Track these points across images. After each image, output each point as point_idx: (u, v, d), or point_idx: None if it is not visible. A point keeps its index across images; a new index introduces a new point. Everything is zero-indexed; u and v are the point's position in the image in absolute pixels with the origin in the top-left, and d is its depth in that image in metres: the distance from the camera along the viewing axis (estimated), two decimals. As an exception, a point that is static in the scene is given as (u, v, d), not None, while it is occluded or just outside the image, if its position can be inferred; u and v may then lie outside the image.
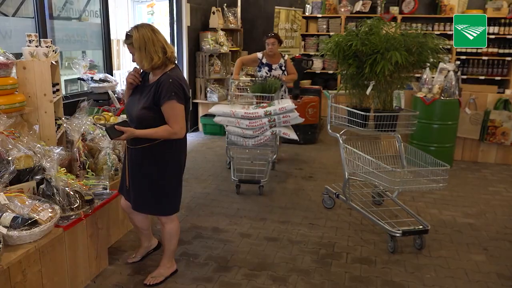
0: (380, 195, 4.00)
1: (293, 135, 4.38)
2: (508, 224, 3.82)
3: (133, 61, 2.54)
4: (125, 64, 6.31)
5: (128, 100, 2.68)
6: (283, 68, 5.26)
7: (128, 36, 2.48)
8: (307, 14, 8.32)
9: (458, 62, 7.32)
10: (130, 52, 2.54)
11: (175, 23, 6.66)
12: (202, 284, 2.82)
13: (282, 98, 5.04)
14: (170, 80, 2.45)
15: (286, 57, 5.32)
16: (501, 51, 7.48)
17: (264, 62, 5.23)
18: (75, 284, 2.69)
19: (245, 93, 5.00)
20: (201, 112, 7.22)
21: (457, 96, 5.17)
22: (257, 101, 4.58)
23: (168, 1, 6.63)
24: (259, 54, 5.27)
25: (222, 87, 7.30)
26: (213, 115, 7.24)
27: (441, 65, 5.02)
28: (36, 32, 3.83)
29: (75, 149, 3.14)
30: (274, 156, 4.89)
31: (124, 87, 4.68)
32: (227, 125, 4.34)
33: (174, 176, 2.67)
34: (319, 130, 6.62)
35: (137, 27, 2.46)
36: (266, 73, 5.20)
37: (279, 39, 5.19)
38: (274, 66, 5.24)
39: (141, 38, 2.43)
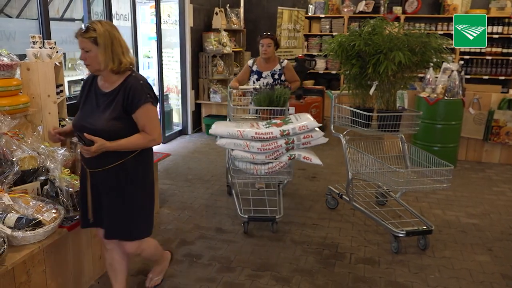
0: (383, 196, 3.99)
1: (316, 160, 3.38)
2: (512, 224, 3.81)
3: (82, 59, 2.14)
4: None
5: (79, 115, 2.26)
6: (277, 76, 4.30)
7: (89, 29, 2.07)
8: (310, 14, 8.32)
9: (462, 62, 7.31)
10: (83, 49, 2.11)
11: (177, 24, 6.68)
12: (205, 285, 2.83)
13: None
14: (141, 81, 2.17)
15: (286, 62, 4.38)
16: (505, 50, 7.45)
17: (255, 70, 4.36)
18: (79, 284, 2.70)
19: (245, 106, 4.24)
20: (204, 112, 7.22)
21: (461, 96, 5.15)
22: (264, 116, 3.76)
23: (169, 2, 6.64)
24: (250, 61, 4.46)
25: (225, 87, 7.31)
26: (215, 116, 7.32)
27: (445, 65, 5.01)
28: (40, 34, 3.85)
29: (79, 150, 3.14)
30: (286, 182, 4.16)
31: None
32: (233, 149, 3.37)
33: (151, 191, 2.37)
34: (322, 130, 6.61)
35: (100, 22, 2.10)
36: (254, 82, 4.34)
37: (276, 41, 4.34)
38: (264, 74, 4.31)
39: (107, 34, 2.08)
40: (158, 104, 2.31)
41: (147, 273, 2.94)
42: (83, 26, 2.10)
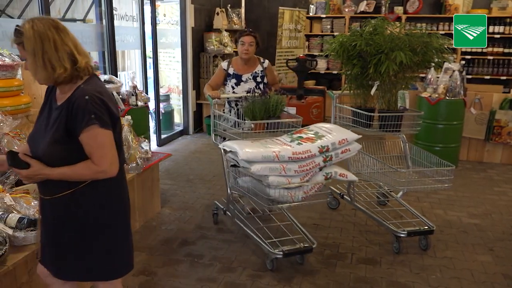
0: (384, 196, 3.99)
1: (351, 176, 2.94)
2: (514, 224, 3.81)
3: (26, 68, 1.77)
4: (130, 65, 6.33)
5: (32, 131, 1.88)
6: (259, 79, 3.71)
7: (18, 32, 1.73)
8: (311, 14, 8.31)
9: (463, 62, 7.30)
10: (21, 56, 1.78)
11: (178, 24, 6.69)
12: (206, 285, 2.83)
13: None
14: (87, 97, 1.66)
15: (267, 63, 3.81)
16: (506, 50, 7.43)
17: (231, 73, 3.72)
18: (80, 284, 2.69)
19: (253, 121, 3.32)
20: (205, 113, 7.22)
21: (462, 96, 5.15)
22: (260, 131, 3.19)
23: (170, 2, 6.65)
24: (224, 64, 3.78)
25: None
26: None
27: (446, 65, 5.00)
28: (41, 34, 3.85)
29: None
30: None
31: (128, 88, 4.75)
32: (268, 175, 2.70)
33: (115, 227, 1.90)
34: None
35: (32, 21, 1.70)
36: (233, 87, 3.72)
37: (258, 39, 3.70)
38: (244, 77, 3.68)
39: (36, 37, 1.66)
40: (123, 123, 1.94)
41: (149, 273, 2.94)
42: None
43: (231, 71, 3.75)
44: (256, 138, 3.03)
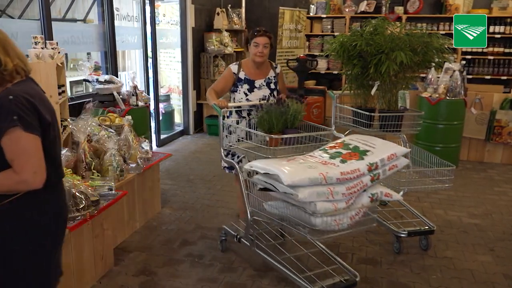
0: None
1: (396, 195, 2.61)
2: (514, 224, 3.80)
3: None
4: (130, 65, 6.33)
5: None
6: (273, 86, 3.36)
7: None
8: (311, 14, 8.31)
9: (464, 62, 7.29)
10: None
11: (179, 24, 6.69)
12: (207, 285, 2.83)
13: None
14: (11, 96, 1.53)
15: (279, 68, 3.49)
16: (507, 50, 7.43)
17: (243, 78, 3.29)
18: (81, 284, 2.70)
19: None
20: (205, 113, 7.23)
21: (463, 96, 5.15)
22: (278, 146, 2.71)
23: (171, 2, 6.65)
24: (234, 67, 3.34)
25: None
26: (217, 116, 7.24)
27: (447, 65, 5.00)
28: (42, 34, 3.86)
29: (81, 150, 3.16)
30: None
31: (129, 88, 4.75)
32: (315, 202, 2.28)
33: (39, 254, 1.67)
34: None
35: None
36: (245, 94, 3.29)
37: (272, 40, 3.33)
38: (258, 83, 3.31)
39: None
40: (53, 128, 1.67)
41: (149, 273, 2.95)
42: None
43: (242, 75, 3.30)
44: (285, 155, 2.62)
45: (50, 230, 1.70)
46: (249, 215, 2.78)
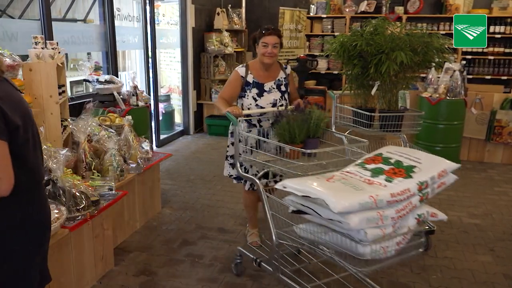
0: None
1: (441, 215, 2.26)
2: (515, 224, 3.80)
3: None
4: (131, 65, 6.33)
5: None
6: (283, 88, 3.13)
7: None
8: (311, 14, 8.31)
9: (464, 62, 7.29)
10: None
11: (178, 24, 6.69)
12: (207, 285, 2.83)
13: None
14: None
15: (289, 69, 3.29)
16: (507, 50, 7.42)
17: (251, 81, 3.05)
18: (81, 284, 2.70)
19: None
20: (206, 113, 7.23)
21: (463, 96, 5.15)
22: (295, 158, 2.45)
23: (171, 2, 6.65)
24: (241, 70, 3.09)
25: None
26: (217, 116, 7.32)
27: (447, 65, 5.00)
28: (42, 34, 3.86)
29: (81, 150, 3.16)
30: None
31: (129, 88, 4.75)
32: (364, 229, 1.96)
33: (14, 260, 1.62)
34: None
35: None
36: (254, 99, 3.04)
37: (282, 39, 3.16)
38: (268, 86, 3.07)
39: None
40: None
41: (149, 273, 2.95)
42: None
43: (250, 78, 3.04)
44: (318, 172, 2.34)
45: (20, 237, 1.61)
46: (274, 238, 2.41)
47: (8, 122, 1.50)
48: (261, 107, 3.01)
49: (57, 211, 2.41)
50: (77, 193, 2.61)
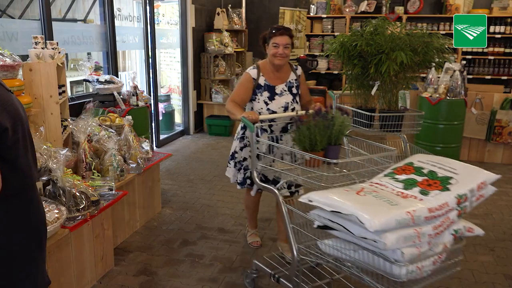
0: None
1: (477, 230, 2.09)
2: (515, 224, 3.80)
3: None
4: (131, 65, 6.34)
5: None
6: (295, 90, 2.99)
7: None
8: (311, 14, 8.31)
9: (464, 62, 7.29)
10: None
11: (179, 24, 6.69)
12: (207, 285, 2.83)
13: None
14: None
15: (300, 70, 3.11)
16: (507, 50, 7.43)
17: (263, 84, 2.91)
18: (81, 284, 2.70)
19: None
20: (206, 113, 7.23)
21: (463, 96, 5.14)
22: (314, 166, 2.30)
23: (171, 2, 6.65)
24: (252, 71, 2.93)
25: (227, 87, 7.32)
26: (217, 116, 7.33)
27: (447, 64, 5.00)
28: (42, 34, 3.86)
29: (81, 150, 3.16)
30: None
31: (129, 88, 4.75)
32: (401, 250, 1.78)
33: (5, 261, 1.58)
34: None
35: None
36: (266, 102, 2.90)
37: (293, 39, 2.98)
38: (279, 89, 2.93)
39: None
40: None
41: (149, 273, 2.95)
42: None
43: (262, 81, 2.89)
44: (346, 183, 2.19)
45: (12, 241, 1.56)
46: (295, 253, 2.22)
47: None
48: (273, 112, 2.86)
49: (57, 211, 2.41)
50: (77, 193, 2.61)
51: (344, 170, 2.26)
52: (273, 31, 2.85)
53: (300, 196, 1.97)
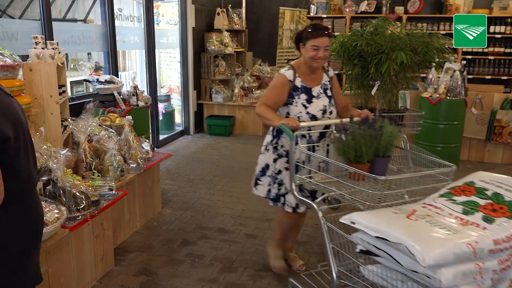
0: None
1: None
2: (515, 224, 3.80)
3: None
4: (131, 65, 6.34)
5: None
6: (329, 93, 2.72)
7: None
8: (311, 14, 8.31)
9: (464, 62, 7.29)
10: None
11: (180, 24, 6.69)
12: (207, 285, 2.83)
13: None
14: None
15: (332, 71, 2.84)
16: (507, 50, 7.42)
17: (300, 86, 2.64)
18: (81, 284, 2.70)
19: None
20: (206, 113, 7.23)
21: (463, 96, 5.14)
22: (356, 179, 2.09)
23: (171, 2, 6.65)
24: (288, 73, 2.65)
25: (227, 87, 7.32)
26: (217, 116, 7.32)
27: (447, 64, 5.00)
28: (42, 34, 3.86)
29: (81, 150, 3.16)
30: None
31: (129, 88, 4.75)
32: (459, 286, 1.54)
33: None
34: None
35: None
36: (305, 106, 2.62)
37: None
38: (316, 91, 2.67)
39: None
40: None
41: (149, 273, 2.95)
42: None
43: (298, 83, 2.64)
44: (395, 202, 1.99)
45: (8, 242, 1.56)
46: (334, 277, 1.99)
47: None
48: (313, 115, 2.61)
49: (57, 211, 2.41)
50: (77, 193, 2.61)
51: (393, 186, 2.04)
52: (313, 33, 2.55)
53: (341, 216, 1.77)
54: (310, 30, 2.57)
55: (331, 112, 2.69)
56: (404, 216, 1.69)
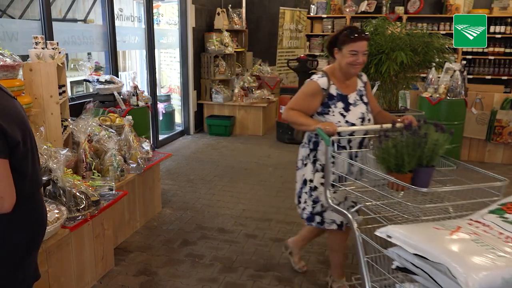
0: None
1: None
2: (515, 224, 3.80)
3: None
4: (131, 65, 6.34)
5: None
6: (365, 99, 2.53)
7: None
8: (312, 14, 8.32)
9: (464, 62, 7.30)
10: None
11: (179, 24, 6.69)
12: (207, 285, 2.83)
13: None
14: None
15: (365, 76, 2.63)
16: (507, 50, 7.43)
17: (335, 94, 2.45)
18: (82, 284, 2.70)
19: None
20: (206, 113, 7.23)
21: (463, 96, 5.14)
22: (398, 189, 1.93)
23: (171, 2, 6.65)
24: (321, 80, 2.46)
25: (227, 87, 7.32)
26: (217, 116, 7.31)
27: (447, 64, 5.00)
28: (42, 34, 3.86)
29: (81, 150, 3.16)
30: None
31: (129, 88, 4.75)
32: None
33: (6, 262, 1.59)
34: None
35: None
36: (343, 115, 2.44)
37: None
38: (352, 98, 2.49)
39: None
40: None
41: (149, 273, 2.95)
42: None
43: (333, 90, 2.45)
44: (438, 216, 1.86)
45: (12, 241, 1.58)
46: None
47: (8, 139, 1.45)
48: (352, 124, 2.42)
49: (58, 211, 2.41)
50: (77, 193, 2.61)
51: (435, 199, 1.93)
52: (351, 37, 2.34)
53: (377, 228, 1.65)
54: (347, 33, 2.36)
55: (369, 120, 2.51)
56: (447, 233, 1.53)
